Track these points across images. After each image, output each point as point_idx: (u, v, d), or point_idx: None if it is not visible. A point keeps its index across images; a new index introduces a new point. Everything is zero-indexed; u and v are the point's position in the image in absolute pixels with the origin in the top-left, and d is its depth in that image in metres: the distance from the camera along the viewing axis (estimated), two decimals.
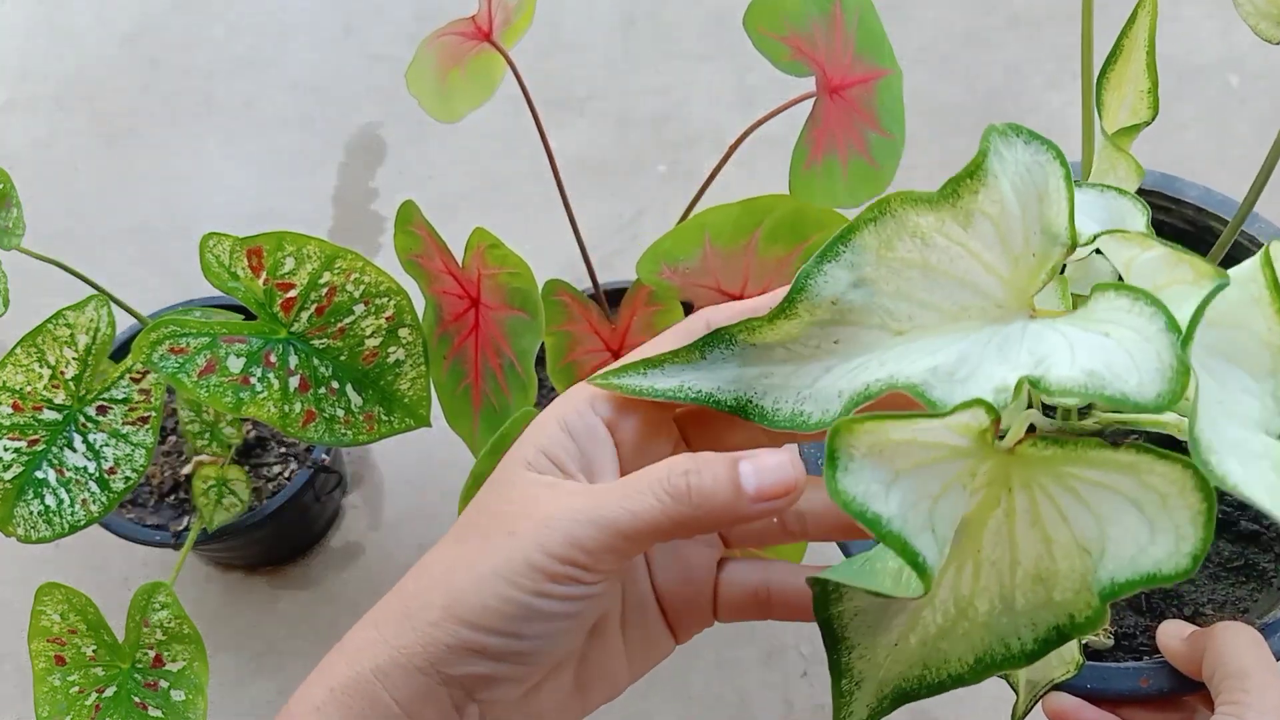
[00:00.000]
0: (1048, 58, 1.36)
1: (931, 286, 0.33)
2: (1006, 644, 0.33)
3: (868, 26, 0.60)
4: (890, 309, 0.33)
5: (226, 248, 0.63)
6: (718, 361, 0.34)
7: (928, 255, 0.33)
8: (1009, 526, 0.32)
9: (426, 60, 0.69)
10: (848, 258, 0.33)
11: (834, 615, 0.35)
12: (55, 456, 0.67)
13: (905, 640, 0.35)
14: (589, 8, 1.45)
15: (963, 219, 0.32)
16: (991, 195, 0.32)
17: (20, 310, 0.72)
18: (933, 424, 0.29)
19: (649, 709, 0.92)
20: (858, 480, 0.29)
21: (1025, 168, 0.33)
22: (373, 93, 1.37)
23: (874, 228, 0.33)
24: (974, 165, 0.32)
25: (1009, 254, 0.33)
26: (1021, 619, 0.32)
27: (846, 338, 0.33)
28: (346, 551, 1.01)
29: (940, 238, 0.33)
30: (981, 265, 0.33)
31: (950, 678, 0.35)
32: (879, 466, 0.29)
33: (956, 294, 0.33)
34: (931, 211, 0.32)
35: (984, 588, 0.33)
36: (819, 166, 0.58)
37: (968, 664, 0.34)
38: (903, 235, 0.32)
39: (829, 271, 0.33)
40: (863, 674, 0.36)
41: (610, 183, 1.27)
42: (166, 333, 0.60)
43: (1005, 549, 0.32)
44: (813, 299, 0.33)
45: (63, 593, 0.70)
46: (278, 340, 0.64)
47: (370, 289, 0.65)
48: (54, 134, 1.35)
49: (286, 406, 0.63)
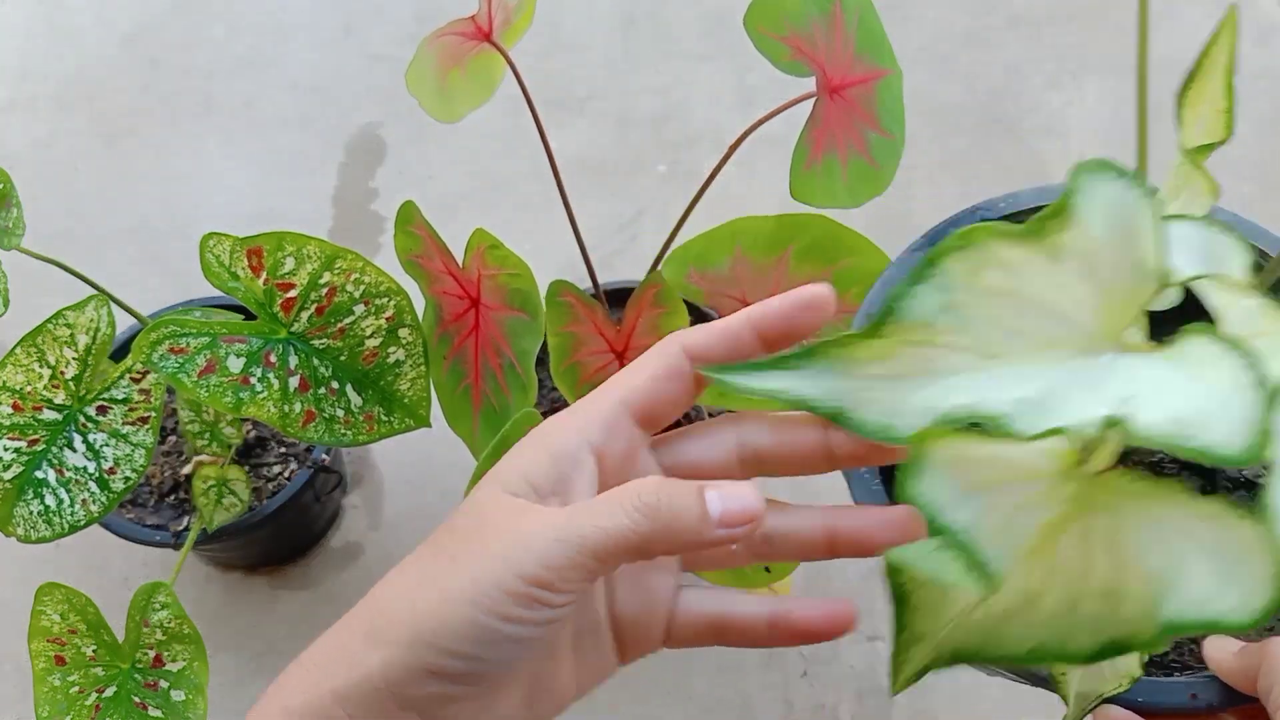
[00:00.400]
0: (1048, 58, 1.36)
1: (1020, 315, 0.33)
2: (1064, 643, 0.33)
3: (868, 26, 0.60)
4: (979, 334, 0.33)
5: (226, 248, 0.63)
6: (816, 373, 0.35)
7: (1016, 284, 0.33)
8: (1085, 543, 0.33)
9: (426, 60, 0.69)
10: (937, 281, 0.33)
11: (900, 582, 0.37)
12: (55, 456, 0.67)
13: (969, 614, 0.36)
14: (589, 8, 1.45)
15: (1050, 253, 0.32)
16: (1079, 233, 0.32)
17: (20, 310, 0.72)
18: (1017, 448, 0.31)
19: (651, 711, 0.92)
20: (933, 488, 0.30)
21: (1115, 205, 0.33)
22: (373, 93, 1.37)
23: (960, 255, 0.33)
24: (1060, 205, 0.32)
25: (1099, 289, 0.32)
26: (1083, 624, 0.33)
27: (937, 359, 0.34)
28: (346, 552, 1.01)
29: (1028, 269, 0.33)
30: (1070, 299, 0.33)
31: (1005, 656, 0.36)
32: (956, 478, 0.31)
33: (1045, 324, 0.33)
34: (1019, 245, 0.33)
35: (1053, 588, 0.33)
36: (819, 166, 0.58)
37: (1024, 650, 0.35)
38: (990, 265, 0.33)
39: (919, 294, 0.33)
40: (922, 633, 0.37)
41: (610, 183, 1.27)
42: (166, 333, 0.60)
43: (1078, 560, 0.33)
44: (903, 320, 0.33)
45: (63, 593, 0.70)
46: (278, 340, 0.64)
47: (370, 289, 0.65)
48: (54, 134, 1.35)
49: (286, 406, 0.63)
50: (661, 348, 0.37)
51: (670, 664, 0.94)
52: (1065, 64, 1.35)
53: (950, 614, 0.36)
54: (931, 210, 1.22)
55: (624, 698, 0.92)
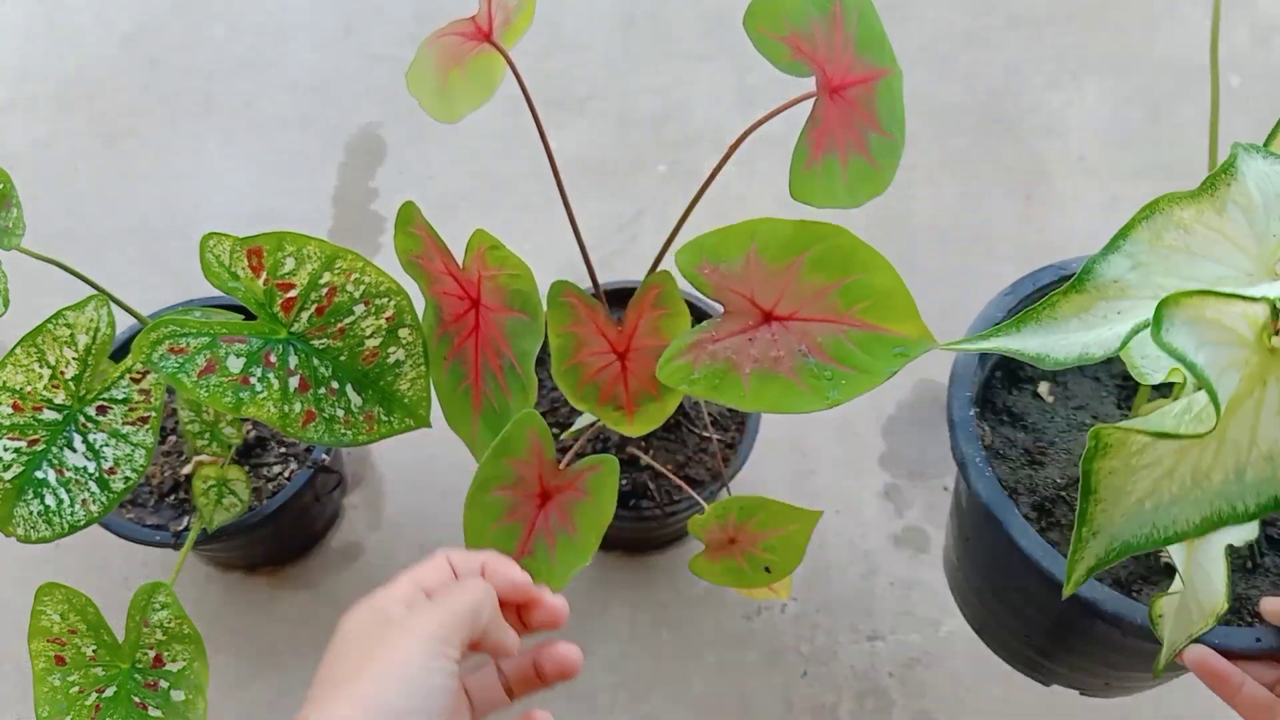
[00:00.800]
0: (1048, 58, 1.36)
1: (1194, 265, 0.44)
2: (1233, 506, 0.43)
3: (868, 26, 0.60)
4: (1161, 283, 0.44)
5: (227, 248, 0.62)
6: (1029, 333, 0.46)
7: (1190, 241, 0.44)
8: (1256, 413, 0.42)
9: (427, 61, 0.69)
10: (1126, 248, 0.45)
11: (1094, 469, 0.45)
12: (55, 456, 0.67)
13: (1142, 503, 0.45)
14: (589, 8, 1.45)
15: (1219, 207, 0.43)
16: (1241, 189, 0.43)
17: (20, 310, 0.72)
18: (1234, 309, 0.40)
19: (651, 710, 0.92)
20: (1178, 337, 0.39)
21: (1264, 174, 0.43)
22: (373, 93, 1.37)
23: (1146, 224, 0.44)
24: (1228, 163, 0.43)
25: (1255, 234, 0.43)
26: (1249, 488, 0.43)
27: (1127, 308, 0.44)
28: (346, 552, 1.01)
29: (1200, 226, 0.43)
30: (1234, 245, 0.43)
31: (1175, 534, 0.45)
32: (1192, 332, 0.40)
33: (1213, 269, 0.43)
34: (1193, 204, 0.43)
35: (1221, 462, 0.43)
36: (819, 166, 0.58)
37: (1194, 523, 0.44)
38: (1170, 227, 0.44)
39: (1112, 260, 0.45)
40: (1100, 527, 0.46)
41: (610, 183, 1.27)
42: (166, 333, 0.60)
43: (1247, 431, 0.42)
44: (1099, 280, 0.45)
45: (63, 593, 0.70)
46: (277, 340, 0.64)
47: (370, 289, 0.65)
48: (54, 134, 1.35)
49: (286, 406, 0.63)
50: (436, 563, 0.47)
51: (670, 664, 0.94)
52: (1065, 64, 1.35)
53: (1128, 504, 0.45)
54: (931, 210, 1.22)
55: (624, 697, 0.92)
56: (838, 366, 0.56)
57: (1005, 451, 0.73)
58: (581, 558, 0.62)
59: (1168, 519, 0.45)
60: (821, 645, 0.94)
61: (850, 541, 0.99)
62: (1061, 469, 0.72)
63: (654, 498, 0.85)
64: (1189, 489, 0.44)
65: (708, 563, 0.73)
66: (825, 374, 0.56)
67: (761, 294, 0.58)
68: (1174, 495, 0.44)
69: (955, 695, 0.91)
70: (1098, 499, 0.45)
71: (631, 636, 0.95)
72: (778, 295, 0.58)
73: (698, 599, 0.97)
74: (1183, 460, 0.44)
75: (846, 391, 0.55)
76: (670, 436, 0.88)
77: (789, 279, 0.57)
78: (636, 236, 1.22)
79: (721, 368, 0.58)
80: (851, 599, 0.96)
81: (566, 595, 1.03)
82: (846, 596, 0.96)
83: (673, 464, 0.87)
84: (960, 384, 0.72)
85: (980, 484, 0.67)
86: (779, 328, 0.58)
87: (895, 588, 0.96)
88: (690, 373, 0.58)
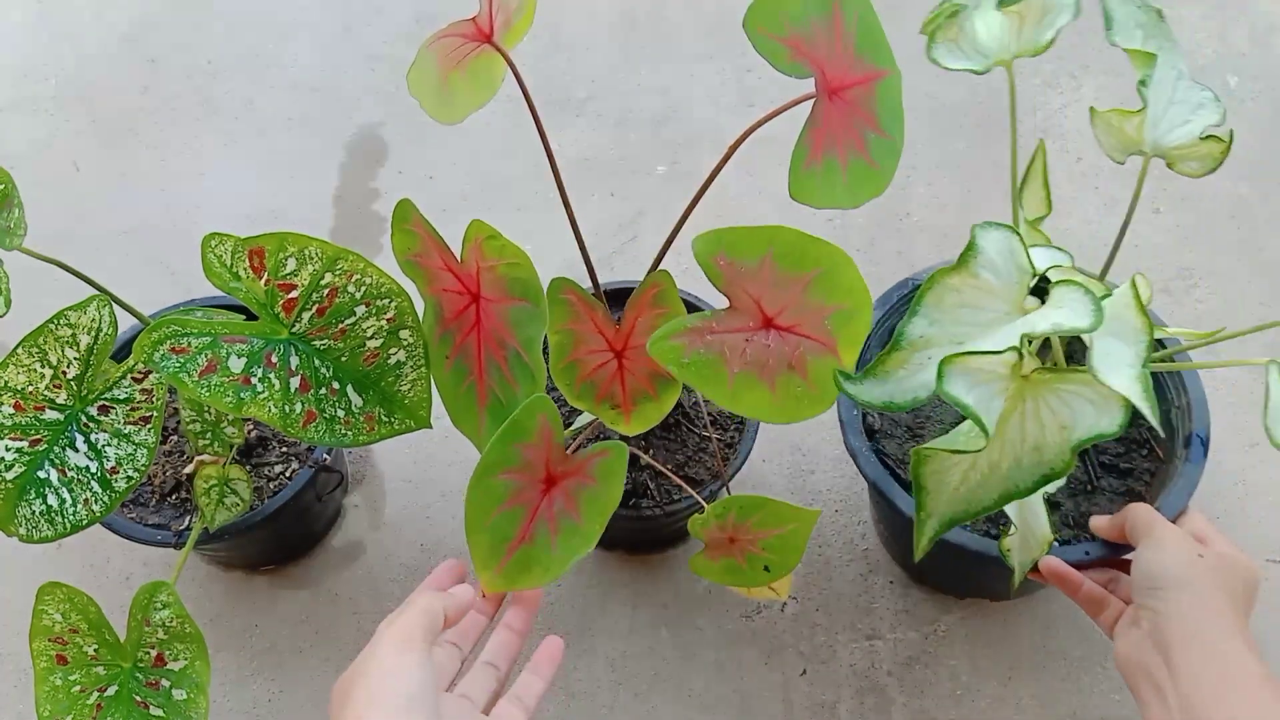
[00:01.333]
0: (1047, 58, 1.36)
1: (971, 314, 0.58)
2: (1018, 485, 0.60)
3: (867, 27, 0.60)
4: (953, 331, 0.58)
5: (228, 248, 0.63)
6: (871, 385, 0.58)
7: (962, 299, 0.58)
8: (1022, 420, 0.58)
9: (427, 62, 0.69)
10: (922, 312, 0.58)
11: (921, 473, 0.63)
12: (57, 456, 0.67)
13: (957, 490, 0.62)
14: (589, 8, 1.46)
15: (973, 273, 0.58)
16: (985, 257, 0.58)
17: (21, 310, 0.72)
18: (991, 359, 0.56)
19: (651, 709, 0.92)
20: (954, 386, 0.55)
21: (998, 240, 0.58)
22: (373, 93, 1.38)
23: (931, 292, 0.58)
24: (970, 242, 0.58)
25: (1003, 284, 0.59)
26: (1026, 472, 0.59)
27: (935, 354, 0.58)
28: (347, 551, 1.02)
29: (966, 288, 0.58)
30: (992, 295, 0.59)
31: (984, 509, 0.62)
32: (964, 380, 0.56)
33: (984, 314, 0.58)
34: (956, 274, 0.58)
35: (1005, 456, 0.60)
36: (818, 167, 0.58)
37: (994, 499, 0.61)
38: (948, 291, 0.58)
39: (914, 323, 0.58)
40: (932, 510, 0.64)
41: (610, 183, 1.27)
42: (168, 333, 0.61)
43: (1019, 433, 0.59)
44: (910, 338, 0.58)
45: (64, 592, 0.70)
46: (279, 341, 0.64)
47: (372, 290, 0.65)
48: (54, 134, 1.35)
49: (287, 407, 0.63)
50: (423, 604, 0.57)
51: (670, 663, 0.94)
52: (1065, 64, 1.35)
53: (948, 492, 0.63)
54: (931, 211, 1.23)
55: (624, 696, 0.93)
56: (809, 388, 0.59)
57: (891, 431, 0.89)
58: (585, 544, 0.62)
59: (976, 499, 0.62)
60: (821, 644, 0.94)
61: (850, 541, 1.00)
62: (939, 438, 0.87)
63: (654, 497, 0.86)
64: (987, 476, 0.61)
65: (707, 561, 0.73)
66: (798, 391, 0.59)
67: (768, 300, 0.59)
68: (978, 481, 0.61)
69: (954, 694, 0.91)
70: (927, 492, 0.63)
71: (631, 636, 0.96)
72: (782, 305, 0.59)
73: (698, 598, 0.97)
74: (980, 457, 0.61)
75: (808, 411, 0.60)
76: (670, 436, 0.88)
77: (794, 295, 0.58)
78: (636, 237, 1.22)
79: (713, 359, 0.59)
80: (851, 598, 0.96)
81: (565, 594, 1.04)
82: (846, 595, 0.97)
83: (673, 464, 0.87)
84: None
85: (868, 469, 0.83)
86: (776, 336, 0.59)
87: (894, 586, 0.97)
88: (681, 355, 0.59)
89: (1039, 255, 0.67)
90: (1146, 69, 0.70)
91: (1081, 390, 0.57)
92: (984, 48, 0.75)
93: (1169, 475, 0.82)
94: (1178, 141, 0.71)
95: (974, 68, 0.75)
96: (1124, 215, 0.76)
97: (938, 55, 0.76)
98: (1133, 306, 0.58)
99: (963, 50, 0.76)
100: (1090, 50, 1.36)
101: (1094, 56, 1.36)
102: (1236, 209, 1.21)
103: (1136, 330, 0.57)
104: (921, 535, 0.64)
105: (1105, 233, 1.17)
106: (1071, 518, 0.84)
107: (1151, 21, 0.72)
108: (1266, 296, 1.13)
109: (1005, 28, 0.75)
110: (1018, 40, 0.75)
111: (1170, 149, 0.72)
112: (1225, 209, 1.21)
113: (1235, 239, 1.19)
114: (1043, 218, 0.80)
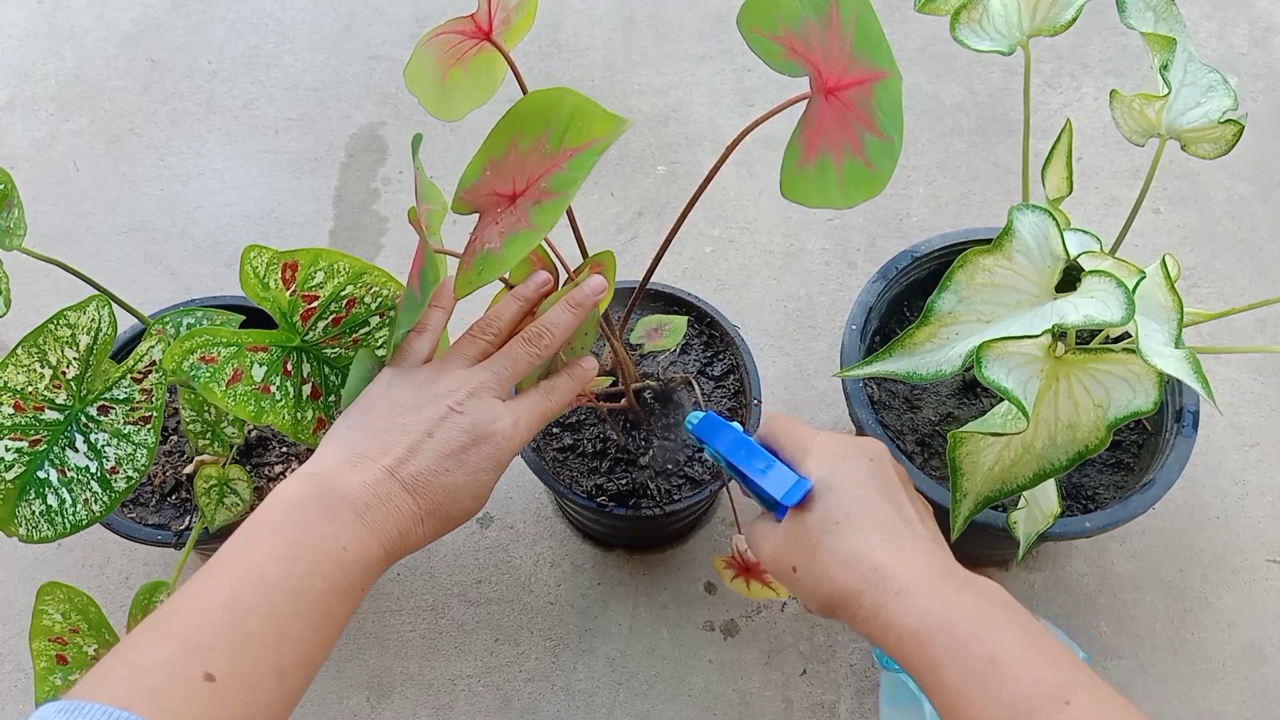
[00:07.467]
0: (1047, 58, 1.36)
1: (999, 294, 0.60)
2: (1052, 463, 0.62)
3: (865, 27, 0.60)
4: (980, 311, 0.60)
5: (265, 260, 0.63)
6: (898, 358, 0.61)
7: (993, 279, 0.60)
8: (1055, 399, 0.60)
9: (425, 58, 0.69)
10: (952, 288, 0.60)
11: (957, 455, 0.64)
12: (57, 456, 0.67)
13: (992, 470, 0.64)
14: (589, 8, 1.46)
15: (1008, 255, 0.60)
16: (1020, 240, 0.60)
17: (21, 310, 0.72)
18: (1026, 343, 0.58)
19: (651, 709, 0.92)
20: (993, 370, 0.57)
21: (1033, 223, 0.60)
22: (373, 93, 1.38)
23: (963, 270, 0.60)
24: (1008, 225, 0.60)
25: (1036, 268, 0.60)
26: (1060, 450, 0.61)
27: (961, 330, 0.60)
28: None
29: (998, 268, 0.60)
30: (1023, 277, 0.60)
31: (1019, 487, 0.64)
32: (1001, 364, 0.58)
33: (1012, 296, 0.60)
34: (990, 255, 0.60)
35: (1040, 435, 0.61)
36: (811, 167, 0.58)
37: (1028, 477, 0.63)
38: (979, 270, 0.60)
39: (944, 297, 0.60)
40: (967, 491, 0.66)
41: (610, 183, 1.27)
42: (199, 342, 0.61)
43: (1053, 412, 0.61)
44: (938, 312, 0.61)
45: (64, 592, 0.70)
46: (291, 348, 0.65)
47: (387, 302, 0.66)
48: (54, 134, 1.35)
49: (299, 414, 0.64)
50: None
51: (670, 662, 0.94)
52: (1065, 64, 1.35)
53: (982, 472, 0.65)
54: (930, 211, 1.23)
55: (623, 695, 0.93)
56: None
57: (889, 403, 0.91)
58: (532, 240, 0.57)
59: (1011, 477, 0.64)
60: (820, 644, 0.94)
61: None
62: (934, 409, 0.91)
63: (654, 497, 0.86)
64: (1021, 455, 0.63)
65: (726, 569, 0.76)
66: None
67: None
68: (1012, 460, 0.63)
69: None
70: (962, 473, 0.65)
71: (631, 635, 0.96)
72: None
73: (698, 598, 0.97)
74: (1015, 437, 0.62)
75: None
76: (670, 436, 0.88)
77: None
78: (636, 236, 1.22)
79: None
80: None
81: (564, 594, 1.04)
82: None
83: (673, 463, 0.87)
84: (849, 360, 0.88)
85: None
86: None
87: None
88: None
89: (1071, 240, 0.65)
90: (1167, 53, 0.69)
91: (1115, 369, 0.58)
92: (1003, 27, 0.75)
93: (1158, 448, 0.86)
94: (1193, 124, 0.71)
95: (999, 49, 0.74)
96: (1124, 216, 0.77)
97: (963, 36, 0.74)
98: (1163, 285, 0.59)
99: (985, 31, 0.74)
100: (1091, 50, 1.36)
101: (1094, 56, 1.36)
102: (1236, 209, 1.21)
103: (1168, 310, 0.58)
104: (958, 515, 0.66)
105: (1105, 232, 1.17)
106: (1064, 489, 0.87)
107: (1163, 4, 0.71)
108: (1266, 296, 1.13)
109: (1021, 7, 0.74)
110: (1033, 19, 0.74)
111: (1185, 131, 0.72)
112: (1225, 209, 1.21)
113: (1235, 239, 1.19)
114: (1063, 198, 0.79)
